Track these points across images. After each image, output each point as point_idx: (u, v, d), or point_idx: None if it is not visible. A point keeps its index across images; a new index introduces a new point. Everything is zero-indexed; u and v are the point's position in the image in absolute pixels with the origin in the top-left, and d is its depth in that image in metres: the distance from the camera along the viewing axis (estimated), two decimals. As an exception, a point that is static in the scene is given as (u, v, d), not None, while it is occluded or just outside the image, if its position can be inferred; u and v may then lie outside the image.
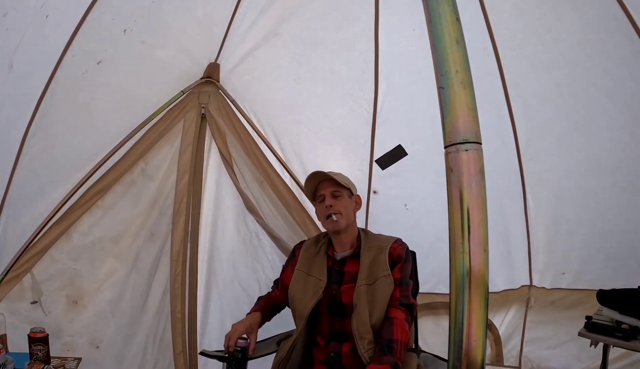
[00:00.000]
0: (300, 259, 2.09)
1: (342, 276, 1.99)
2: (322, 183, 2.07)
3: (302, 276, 2.04)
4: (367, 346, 1.84)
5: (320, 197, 2.06)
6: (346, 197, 2.06)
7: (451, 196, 0.74)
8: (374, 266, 1.94)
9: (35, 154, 2.35)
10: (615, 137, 2.57)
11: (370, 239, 2.05)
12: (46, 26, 2.01)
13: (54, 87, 2.22)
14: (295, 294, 2.02)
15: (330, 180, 2.05)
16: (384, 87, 2.69)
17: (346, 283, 1.97)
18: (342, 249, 2.05)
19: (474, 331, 0.71)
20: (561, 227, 2.84)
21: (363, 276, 1.93)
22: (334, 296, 1.96)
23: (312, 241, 2.17)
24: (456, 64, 0.76)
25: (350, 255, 2.02)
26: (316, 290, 1.97)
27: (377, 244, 2.01)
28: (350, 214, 2.05)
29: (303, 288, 2.01)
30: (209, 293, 2.93)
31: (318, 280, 2.00)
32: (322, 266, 2.03)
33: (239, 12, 2.47)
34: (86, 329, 2.66)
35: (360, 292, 1.90)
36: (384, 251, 1.97)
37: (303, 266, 2.07)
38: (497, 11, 2.39)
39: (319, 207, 2.08)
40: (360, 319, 1.87)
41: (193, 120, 2.73)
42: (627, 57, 2.32)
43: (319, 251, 2.10)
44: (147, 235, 2.75)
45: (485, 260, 0.72)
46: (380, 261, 1.95)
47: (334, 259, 2.05)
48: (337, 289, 1.97)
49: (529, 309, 3.02)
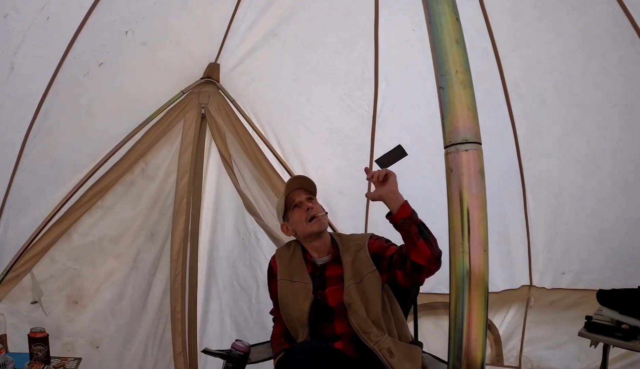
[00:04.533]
0: (279, 268, 2.07)
1: (324, 280, 1.99)
2: (293, 192, 2.07)
3: (286, 284, 2.03)
4: (375, 339, 1.84)
5: (296, 203, 2.04)
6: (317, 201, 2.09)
7: (451, 196, 0.74)
8: (357, 265, 1.95)
9: (36, 156, 2.35)
10: (615, 137, 2.57)
11: (345, 241, 2.05)
12: (47, 28, 2.01)
13: (55, 88, 2.22)
14: (287, 302, 2.01)
15: (300, 189, 2.07)
16: (384, 88, 2.69)
17: (330, 286, 1.97)
18: (319, 255, 2.04)
19: (474, 331, 0.71)
20: (561, 228, 2.84)
21: (349, 276, 1.93)
22: (319, 300, 1.96)
23: (283, 248, 2.15)
24: (456, 64, 0.76)
25: (330, 261, 2.02)
26: (306, 293, 1.97)
27: (354, 244, 2.01)
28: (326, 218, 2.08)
29: (292, 294, 2.00)
30: (209, 292, 2.94)
31: (304, 284, 1.99)
32: (302, 270, 2.02)
33: (238, 13, 2.47)
34: (86, 329, 2.66)
35: (351, 291, 1.90)
36: (362, 248, 1.97)
37: (284, 275, 2.05)
38: (497, 11, 2.39)
39: (297, 213, 2.03)
40: (358, 316, 1.87)
41: (193, 120, 2.74)
42: (627, 57, 2.32)
43: (294, 254, 2.08)
44: (147, 235, 2.76)
45: (485, 260, 0.72)
46: (363, 258, 1.95)
47: (313, 264, 2.03)
48: (321, 293, 1.96)
49: (528, 309, 3.02)
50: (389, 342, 1.86)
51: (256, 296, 2.88)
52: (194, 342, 2.92)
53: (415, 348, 1.96)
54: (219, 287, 2.92)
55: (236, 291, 2.91)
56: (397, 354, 1.83)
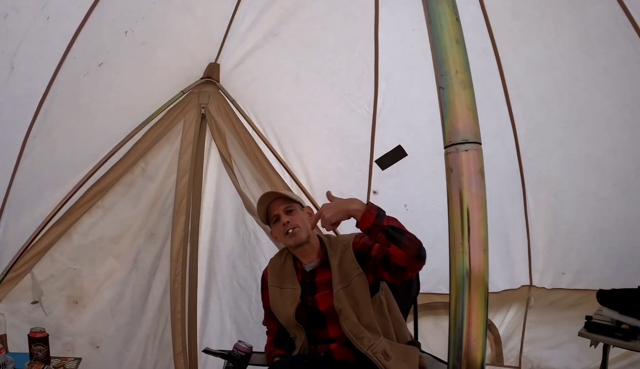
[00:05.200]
0: (270, 277, 2.10)
1: (314, 286, 1.99)
2: (272, 204, 2.05)
3: (276, 291, 2.06)
4: (368, 343, 1.84)
5: (275, 217, 2.04)
6: (299, 210, 2.06)
7: (451, 196, 0.74)
8: (343, 267, 1.95)
9: (36, 156, 2.35)
10: (615, 137, 2.57)
11: (334, 243, 2.05)
12: (47, 28, 2.01)
13: (55, 88, 2.23)
14: (277, 307, 2.04)
15: (279, 199, 2.05)
16: (384, 88, 2.69)
17: (320, 291, 1.97)
18: (308, 261, 2.04)
19: (474, 331, 0.71)
20: (561, 228, 2.84)
21: (337, 280, 1.93)
22: (310, 307, 1.97)
23: (276, 256, 2.17)
24: (456, 64, 0.76)
25: (318, 265, 2.02)
26: (293, 298, 1.99)
27: (341, 245, 2.02)
28: (308, 225, 2.04)
29: (280, 299, 2.03)
30: (209, 292, 2.94)
31: (292, 289, 2.01)
32: (292, 277, 2.04)
33: (238, 12, 2.47)
34: (86, 329, 2.66)
35: (340, 296, 1.90)
36: (348, 249, 1.97)
37: (274, 282, 2.08)
38: (497, 11, 2.39)
39: (276, 228, 2.04)
40: (350, 321, 1.87)
41: (193, 120, 2.74)
42: (627, 57, 2.32)
43: (285, 262, 2.09)
44: (147, 235, 2.76)
45: (485, 260, 0.72)
46: (348, 259, 1.95)
47: (303, 271, 2.04)
48: (312, 299, 1.97)
49: (528, 309, 3.02)
50: (385, 344, 1.86)
51: (256, 296, 2.87)
52: (194, 342, 2.92)
53: (412, 349, 1.96)
54: (219, 287, 2.93)
55: (236, 291, 2.91)
56: (393, 356, 1.83)
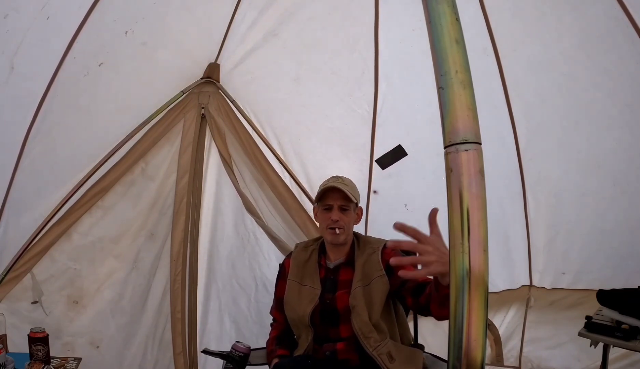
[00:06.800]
0: (292, 269, 2.08)
1: (335, 284, 1.99)
2: (332, 192, 1.99)
3: (295, 285, 2.04)
4: (374, 344, 1.84)
5: (327, 205, 1.99)
6: (352, 212, 2.02)
7: (451, 196, 0.73)
8: (367, 267, 1.95)
9: (36, 156, 2.35)
10: (615, 137, 2.57)
11: (362, 243, 2.05)
12: (47, 28, 2.01)
13: (55, 89, 2.22)
14: (291, 302, 2.02)
15: (341, 192, 1.98)
16: (384, 88, 2.69)
17: (340, 289, 1.97)
18: (335, 257, 2.04)
19: (474, 331, 0.70)
20: (561, 228, 2.84)
21: (358, 278, 1.94)
22: (328, 304, 1.97)
23: (302, 248, 2.14)
24: (456, 64, 0.76)
25: (344, 262, 2.02)
26: (312, 297, 1.98)
27: (369, 247, 2.01)
28: (351, 229, 2.05)
29: (297, 296, 2.02)
30: (209, 292, 2.94)
31: (312, 289, 2.00)
32: (314, 275, 2.03)
33: (238, 12, 2.47)
34: (86, 329, 2.66)
35: (357, 294, 1.90)
36: (376, 252, 1.97)
37: (295, 276, 2.06)
38: (497, 11, 2.39)
39: (323, 215, 2.01)
40: (361, 319, 1.87)
41: (193, 120, 2.74)
42: (627, 57, 2.32)
43: (310, 258, 2.08)
44: (147, 235, 2.76)
45: (485, 260, 0.71)
46: (373, 261, 1.95)
47: (327, 268, 2.04)
48: (331, 297, 1.97)
49: (528, 309, 3.02)
50: (390, 346, 1.86)
51: (255, 296, 2.88)
52: (194, 342, 2.92)
53: (417, 351, 1.97)
54: (219, 287, 2.93)
55: (235, 291, 2.91)
56: (397, 358, 1.84)
